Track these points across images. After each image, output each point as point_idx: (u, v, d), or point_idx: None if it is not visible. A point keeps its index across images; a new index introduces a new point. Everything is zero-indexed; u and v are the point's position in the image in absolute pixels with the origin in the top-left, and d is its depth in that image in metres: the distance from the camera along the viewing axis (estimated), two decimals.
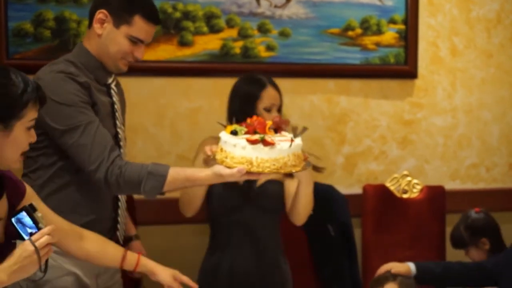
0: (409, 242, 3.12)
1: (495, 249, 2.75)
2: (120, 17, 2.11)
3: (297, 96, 3.19)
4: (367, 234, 3.14)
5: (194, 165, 2.46)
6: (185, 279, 2.09)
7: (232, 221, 2.47)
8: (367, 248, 3.13)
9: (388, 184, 3.20)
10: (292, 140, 1.92)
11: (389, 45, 3.25)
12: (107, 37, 2.13)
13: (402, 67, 3.27)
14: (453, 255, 3.20)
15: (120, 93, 2.32)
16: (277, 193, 2.52)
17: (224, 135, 1.99)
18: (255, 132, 1.96)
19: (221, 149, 1.98)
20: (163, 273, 2.08)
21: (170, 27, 3.00)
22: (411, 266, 2.49)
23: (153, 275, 2.08)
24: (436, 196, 3.21)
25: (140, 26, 2.13)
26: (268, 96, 2.47)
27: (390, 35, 3.25)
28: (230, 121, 2.49)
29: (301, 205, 2.46)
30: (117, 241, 2.23)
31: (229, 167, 1.92)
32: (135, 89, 2.99)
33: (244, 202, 2.47)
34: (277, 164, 1.91)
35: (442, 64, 3.36)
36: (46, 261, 1.72)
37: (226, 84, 2.68)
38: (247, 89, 2.49)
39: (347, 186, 3.21)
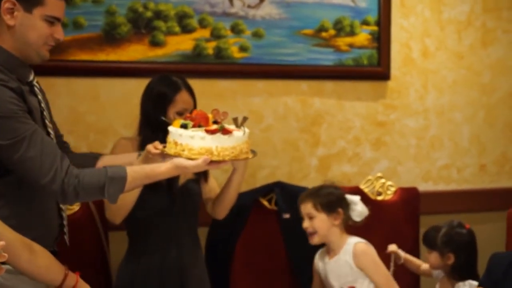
0: (384, 244, 3.09)
1: (457, 268, 2.68)
2: (30, 0, 1.97)
3: (271, 98, 3.15)
4: None
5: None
6: None
7: (155, 225, 2.44)
8: None
9: (362, 186, 3.18)
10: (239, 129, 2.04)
11: (362, 46, 3.23)
12: (22, 25, 1.98)
13: (375, 69, 3.26)
14: (427, 256, 3.21)
15: (42, 90, 2.16)
16: (198, 192, 2.54)
17: (176, 130, 2.03)
18: (199, 126, 2.04)
19: (175, 143, 2.01)
20: None
21: (141, 26, 2.93)
22: None
23: None
24: (410, 198, 3.20)
25: (53, 4, 2.00)
26: (181, 100, 2.43)
27: (363, 36, 3.23)
28: (143, 122, 2.47)
29: (230, 195, 2.50)
30: (65, 244, 2.18)
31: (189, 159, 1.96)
32: (106, 90, 2.92)
33: (169, 204, 2.44)
34: (235, 152, 2.01)
35: (414, 65, 3.37)
36: None
37: (199, 85, 2.63)
38: (161, 90, 2.44)
39: None
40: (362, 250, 2.60)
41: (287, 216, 2.82)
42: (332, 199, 2.64)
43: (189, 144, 1.97)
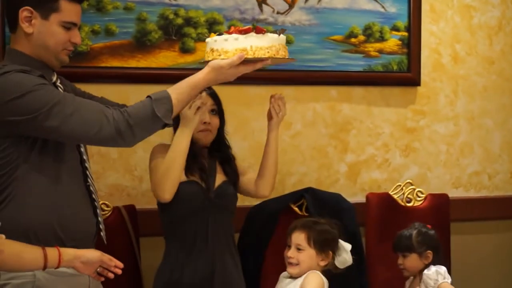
0: None
1: (435, 263, 2.72)
2: (46, 8, 2.01)
3: (300, 104, 3.15)
4: (371, 243, 3.09)
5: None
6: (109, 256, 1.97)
7: (192, 225, 2.43)
8: (371, 257, 3.08)
9: (391, 193, 3.16)
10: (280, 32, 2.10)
11: (391, 52, 3.22)
12: (40, 32, 2.02)
13: (405, 74, 3.24)
14: (459, 263, 3.19)
15: (68, 89, 2.19)
16: (233, 193, 2.55)
17: (211, 38, 2.10)
18: None
19: (212, 50, 2.08)
20: (89, 252, 1.92)
21: (172, 33, 2.95)
22: None
23: (79, 258, 1.88)
24: (440, 205, 3.18)
25: (68, 9, 2.04)
26: (199, 97, 2.38)
27: (392, 42, 3.22)
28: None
29: (271, 161, 2.56)
30: (102, 242, 2.20)
31: None
32: (137, 97, 2.89)
33: (206, 203, 2.44)
34: (271, 51, 2.05)
35: (444, 71, 3.34)
36: None
37: (228, 92, 2.64)
38: None
39: (351, 195, 3.16)
40: (313, 275, 2.42)
41: None
42: (327, 238, 2.48)
43: (224, 47, 2.03)
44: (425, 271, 2.68)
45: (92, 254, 1.93)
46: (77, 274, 1.94)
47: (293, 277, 2.46)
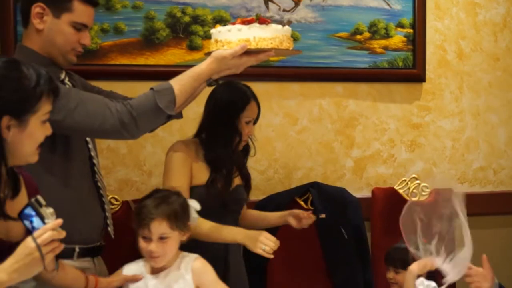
0: None
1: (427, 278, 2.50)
2: (59, 6, 2.05)
3: (306, 100, 3.19)
4: (376, 237, 3.13)
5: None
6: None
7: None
8: (376, 251, 3.11)
9: (397, 187, 3.20)
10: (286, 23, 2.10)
11: (397, 48, 3.26)
12: (51, 29, 2.06)
13: (410, 71, 3.28)
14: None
15: (76, 84, 2.22)
16: (244, 198, 2.57)
17: (215, 29, 2.09)
18: None
19: (216, 41, 2.08)
20: (116, 275, 2.12)
21: (179, 31, 3.00)
22: None
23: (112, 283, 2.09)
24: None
25: (81, 10, 2.07)
26: (251, 109, 2.47)
27: (398, 38, 3.26)
28: (201, 129, 2.49)
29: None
30: (109, 236, 2.27)
31: None
32: None
33: (221, 206, 2.45)
34: (274, 42, 2.03)
35: (449, 67, 3.37)
36: (57, 257, 1.63)
37: None
38: (234, 99, 2.46)
39: (356, 190, 3.21)
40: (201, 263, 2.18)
41: (323, 216, 2.84)
42: (184, 211, 2.18)
43: (228, 38, 2.02)
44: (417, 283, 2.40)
45: (120, 277, 2.12)
46: None
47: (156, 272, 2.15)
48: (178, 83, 2.05)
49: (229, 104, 2.45)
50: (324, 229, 2.73)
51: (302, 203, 3.00)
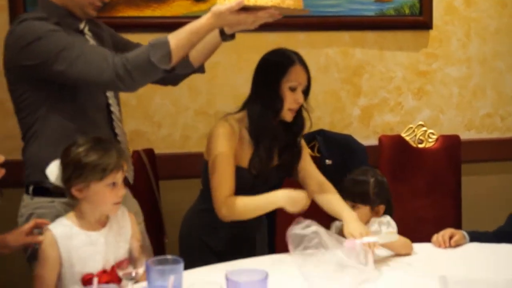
0: (425, 192, 3.16)
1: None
2: None
3: (312, 49, 3.20)
4: None
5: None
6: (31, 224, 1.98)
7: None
8: None
9: (403, 135, 3.22)
10: None
11: None
12: None
13: (417, 18, 3.27)
14: (470, 204, 3.26)
15: (100, 34, 2.24)
16: (278, 183, 2.46)
17: None
18: None
19: None
20: (9, 237, 1.95)
21: None
22: (465, 234, 2.36)
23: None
24: (451, 146, 3.23)
25: None
26: (295, 73, 2.28)
27: None
28: (252, 96, 2.34)
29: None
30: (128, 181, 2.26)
31: None
32: None
33: (250, 186, 2.33)
34: (275, 0, 1.96)
35: (456, 14, 3.36)
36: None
37: (241, 40, 2.67)
38: (275, 61, 2.33)
39: (363, 138, 3.25)
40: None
41: (329, 162, 2.89)
42: None
43: None
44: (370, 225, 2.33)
45: (11, 238, 1.95)
46: None
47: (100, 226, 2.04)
48: (175, 38, 2.02)
49: (269, 66, 2.32)
50: (330, 175, 2.76)
51: (309, 150, 3.03)
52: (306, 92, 2.34)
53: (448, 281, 1.89)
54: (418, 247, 2.29)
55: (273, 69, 2.29)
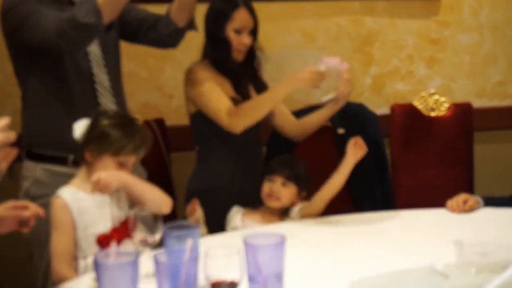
0: (437, 160, 3.15)
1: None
2: None
3: (323, 19, 3.18)
4: (396, 152, 3.16)
5: None
6: None
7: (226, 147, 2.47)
8: (395, 166, 3.15)
9: (415, 103, 3.21)
10: None
11: None
12: None
13: None
14: (482, 172, 3.25)
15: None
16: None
17: None
18: None
19: None
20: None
21: None
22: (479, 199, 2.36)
23: None
24: (463, 114, 3.21)
25: None
26: (239, 17, 2.37)
27: None
28: (206, 43, 2.46)
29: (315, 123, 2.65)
30: None
31: None
32: None
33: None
34: None
35: None
36: (11, 167, 1.49)
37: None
38: (218, 7, 2.42)
39: (375, 107, 3.22)
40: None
41: (341, 131, 2.88)
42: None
43: None
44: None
45: None
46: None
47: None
48: None
49: (214, 12, 2.43)
50: (343, 144, 2.77)
51: None
52: (254, 32, 2.44)
53: (463, 245, 1.89)
54: (432, 212, 2.29)
55: (218, 15, 2.40)
